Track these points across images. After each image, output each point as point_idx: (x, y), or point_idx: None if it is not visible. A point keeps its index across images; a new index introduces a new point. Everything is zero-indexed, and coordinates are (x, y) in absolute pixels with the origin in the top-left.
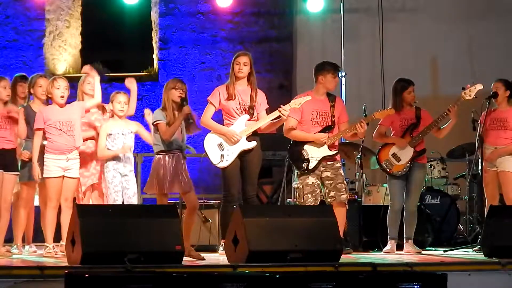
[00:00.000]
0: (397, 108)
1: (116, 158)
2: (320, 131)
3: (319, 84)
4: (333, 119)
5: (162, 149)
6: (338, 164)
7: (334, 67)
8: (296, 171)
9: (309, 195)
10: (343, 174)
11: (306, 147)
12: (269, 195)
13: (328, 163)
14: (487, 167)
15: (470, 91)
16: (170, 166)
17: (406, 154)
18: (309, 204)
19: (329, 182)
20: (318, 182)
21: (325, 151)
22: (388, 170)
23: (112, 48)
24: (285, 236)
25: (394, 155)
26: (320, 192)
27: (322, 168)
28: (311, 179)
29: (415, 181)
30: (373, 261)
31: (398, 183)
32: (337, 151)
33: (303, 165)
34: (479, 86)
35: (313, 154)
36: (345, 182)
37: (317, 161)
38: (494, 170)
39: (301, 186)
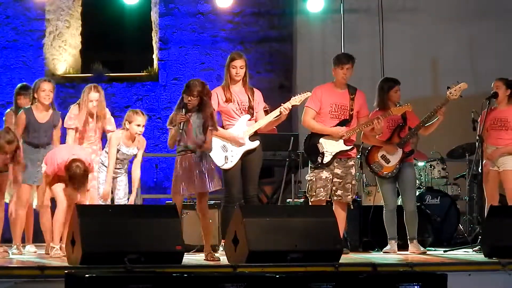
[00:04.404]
0: (383, 107)
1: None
2: (337, 125)
3: (334, 77)
4: (351, 113)
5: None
6: (351, 162)
7: (340, 59)
8: (310, 164)
9: (321, 189)
10: (353, 173)
11: (322, 140)
12: (269, 195)
13: (342, 159)
14: (490, 166)
15: (455, 90)
16: (182, 168)
17: (395, 155)
18: (320, 198)
19: (338, 180)
20: (331, 177)
21: (341, 146)
22: (378, 172)
23: (112, 48)
24: (285, 236)
25: (383, 156)
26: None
27: (336, 164)
28: (324, 174)
29: (408, 180)
30: (373, 261)
31: (389, 185)
32: (353, 146)
33: (318, 159)
34: (464, 86)
35: (329, 148)
36: (353, 181)
37: (332, 156)
38: (496, 169)
39: (314, 179)
